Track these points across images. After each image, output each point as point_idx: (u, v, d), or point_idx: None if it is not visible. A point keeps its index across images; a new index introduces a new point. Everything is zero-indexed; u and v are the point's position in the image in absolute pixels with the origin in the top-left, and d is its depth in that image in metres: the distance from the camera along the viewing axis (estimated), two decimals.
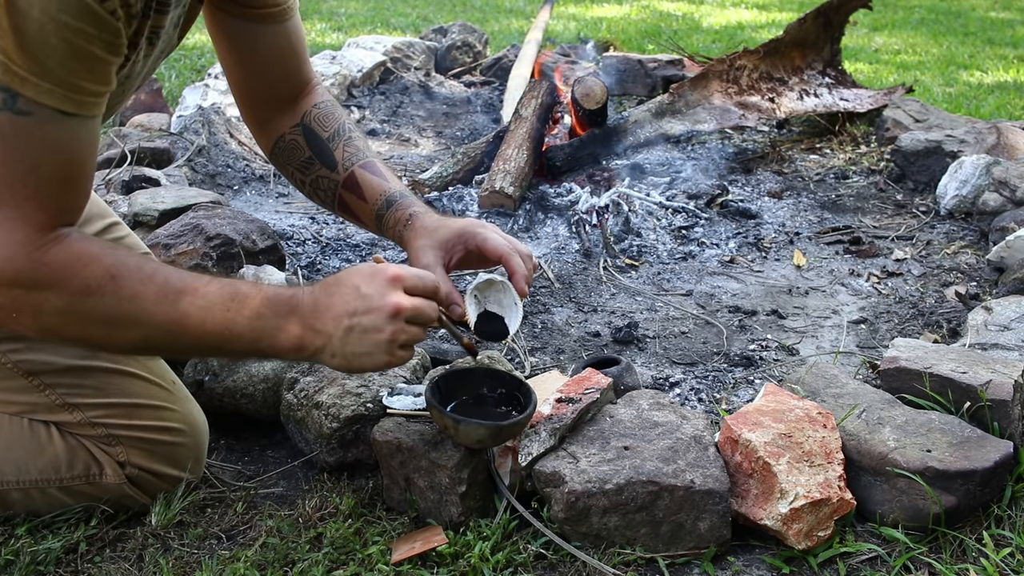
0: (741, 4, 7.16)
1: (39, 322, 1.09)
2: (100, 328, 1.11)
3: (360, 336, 1.15)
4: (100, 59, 1.03)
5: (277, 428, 1.56)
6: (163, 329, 1.11)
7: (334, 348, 1.15)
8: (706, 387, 1.76)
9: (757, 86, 3.23)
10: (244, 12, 1.37)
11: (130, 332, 1.12)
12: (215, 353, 1.27)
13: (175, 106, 3.25)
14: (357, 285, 1.17)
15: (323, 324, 1.15)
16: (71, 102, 1.02)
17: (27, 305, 1.07)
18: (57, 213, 1.07)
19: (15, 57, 0.97)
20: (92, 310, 1.09)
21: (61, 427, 1.34)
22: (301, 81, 1.49)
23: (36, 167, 1.03)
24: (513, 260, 1.39)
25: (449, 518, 1.32)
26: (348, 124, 1.52)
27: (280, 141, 1.49)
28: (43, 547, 1.28)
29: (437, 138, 3.51)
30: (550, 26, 5.24)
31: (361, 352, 1.16)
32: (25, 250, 1.04)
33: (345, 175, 1.48)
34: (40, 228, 1.05)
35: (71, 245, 1.08)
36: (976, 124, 3.00)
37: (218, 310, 1.12)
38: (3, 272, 1.04)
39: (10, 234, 1.03)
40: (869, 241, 2.48)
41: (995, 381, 1.44)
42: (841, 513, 1.30)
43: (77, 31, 0.98)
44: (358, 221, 1.52)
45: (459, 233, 1.42)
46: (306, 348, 1.16)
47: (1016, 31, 6.19)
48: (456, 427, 1.26)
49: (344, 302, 1.16)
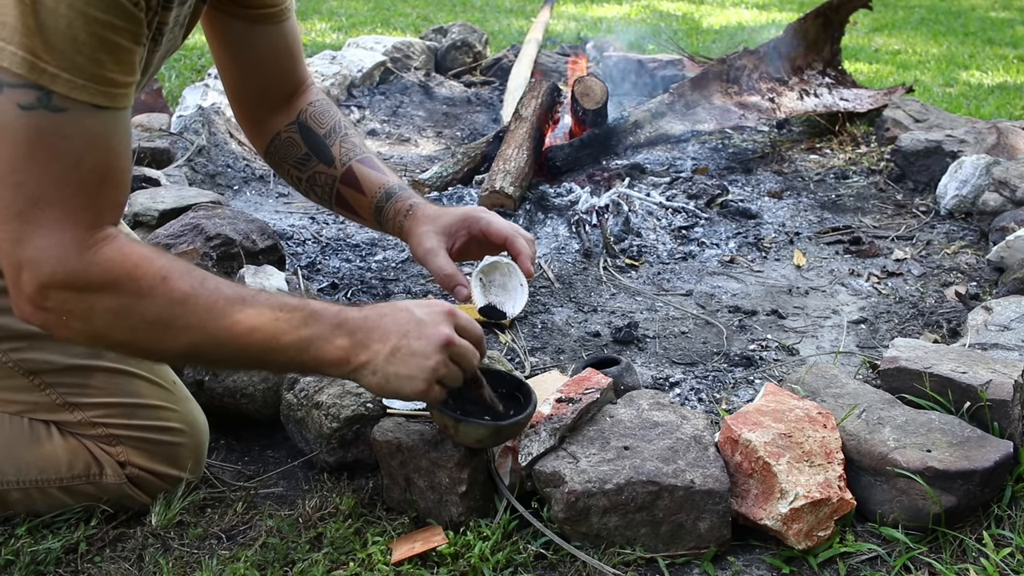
0: (741, 4, 7.16)
1: (90, 326, 1.07)
2: (150, 332, 1.09)
3: (406, 358, 1.16)
4: (127, 50, 1.03)
5: (277, 428, 1.56)
6: (212, 336, 1.10)
7: (376, 365, 1.16)
8: (706, 387, 1.76)
9: (757, 86, 3.23)
10: (242, 13, 1.37)
11: (179, 337, 1.10)
12: (258, 365, 1.21)
13: (175, 106, 3.25)
14: (411, 310, 1.18)
15: (371, 340, 1.16)
16: (104, 95, 1.02)
17: (79, 308, 1.05)
18: (102, 211, 1.06)
19: (44, 55, 0.96)
20: (144, 313, 1.07)
21: (61, 427, 1.34)
22: (297, 80, 1.50)
23: (77, 163, 1.02)
24: (518, 242, 1.41)
25: (449, 518, 1.32)
26: (344, 122, 1.54)
27: (276, 139, 1.50)
28: (43, 547, 1.28)
29: (437, 138, 3.51)
30: (550, 26, 5.23)
31: (403, 374, 1.16)
32: (76, 250, 1.03)
33: (343, 170, 1.49)
34: (88, 227, 1.04)
35: (121, 246, 1.07)
36: (976, 124, 3.00)
37: (266, 319, 1.11)
38: (54, 274, 1.03)
39: (59, 234, 1.02)
40: (869, 241, 2.48)
41: (995, 381, 1.44)
42: (841, 513, 1.30)
43: (105, 24, 0.98)
44: (356, 216, 1.53)
45: (462, 219, 1.44)
46: (350, 362, 1.16)
47: (1016, 31, 6.19)
48: (456, 427, 1.26)
49: (396, 323, 1.17)
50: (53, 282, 1.03)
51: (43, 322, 1.07)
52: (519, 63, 3.94)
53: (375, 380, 1.17)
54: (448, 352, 1.18)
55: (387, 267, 2.28)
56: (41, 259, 1.02)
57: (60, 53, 0.97)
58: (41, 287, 1.03)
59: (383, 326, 1.17)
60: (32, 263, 1.02)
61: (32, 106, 0.98)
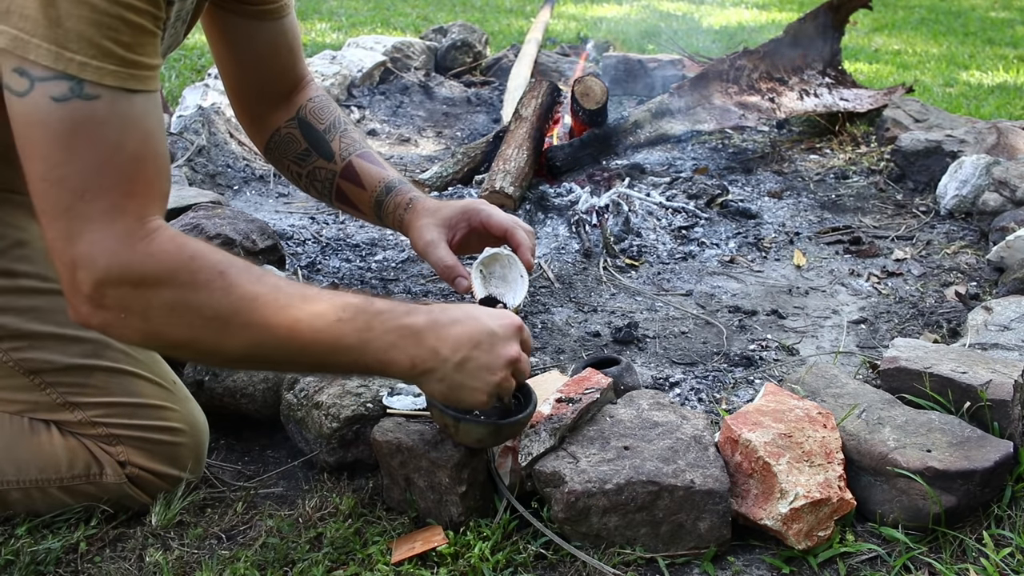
0: (741, 4, 7.16)
1: (149, 323, 1.03)
2: (210, 329, 1.05)
3: (474, 371, 1.15)
4: (150, 32, 1.02)
5: (277, 428, 1.56)
6: (273, 334, 1.06)
7: (444, 373, 1.15)
8: (706, 387, 1.76)
9: (757, 86, 3.23)
10: (242, 9, 1.37)
11: (240, 335, 1.06)
12: (319, 367, 1.16)
13: (175, 106, 3.25)
14: (484, 320, 1.17)
15: (441, 347, 1.14)
16: (135, 79, 1.01)
17: (136, 304, 1.02)
18: (148, 200, 1.03)
19: (70, 44, 0.95)
20: (202, 307, 1.04)
21: (61, 426, 1.34)
22: (296, 77, 1.51)
23: (117, 150, 1.00)
24: (518, 233, 1.43)
25: (449, 518, 1.32)
26: (343, 118, 1.54)
27: (276, 135, 1.51)
28: (43, 547, 1.28)
29: (437, 138, 3.51)
30: (550, 26, 5.24)
31: (469, 385, 1.16)
32: (129, 242, 1.00)
33: (343, 165, 1.50)
34: (136, 217, 1.01)
35: (175, 236, 1.04)
36: (976, 124, 3.00)
37: (330, 318, 1.08)
38: (110, 269, 1.00)
39: (109, 226, 0.99)
40: (869, 241, 2.48)
41: (995, 381, 1.44)
42: (841, 513, 1.30)
43: (127, 6, 0.98)
44: (355, 211, 1.54)
45: (462, 211, 1.45)
46: (416, 367, 1.14)
47: (1016, 31, 6.19)
48: (456, 426, 1.26)
49: (468, 332, 1.15)
50: (109, 277, 1.00)
51: (103, 322, 1.04)
52: (519, 63, 3.94)
53: (440, 387, 1.16)
54: (512, 367, 1.18)
55: (387, 267, 2.28)
56: (95, 254, 0.99)
57: (86, 41, 0.96)
58: (98, 284, 1.00)
59: (454, 335, 1.15)
60: (86, 259, 1.00)
61: (65, 97, 0.97)
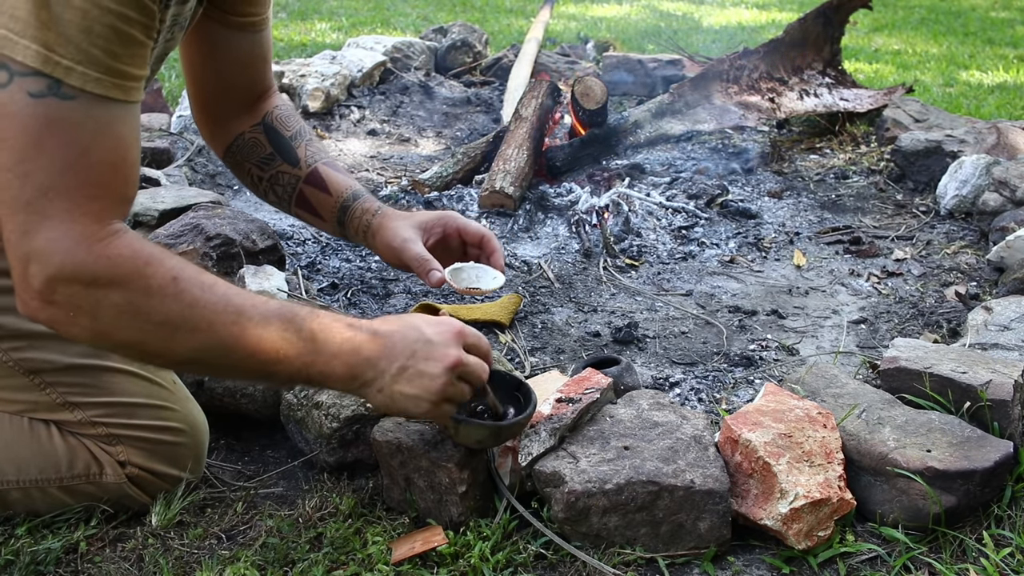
0: (741, 4, 7.16)
1: (97, 323, 1.05)
2: (157, 334, 1.07)
3: (412, 378, 1.15)
4: (140, 43, 1.02)
5: (277, 428, 1.56)
6: (219, 342, 1.08)
7: (383, 384, 1.15)
8: (706, 387, 1.76)
9: (757, 86, 3.23)
10: (227, 19, 1.40)
11: (187, 340, 1.07)
12: (261, 376, 1.15)
13: (175, 106, 3.25)
14: (421, 328, 1.18)
15: (379, 358, 1.15)
16: (118, 88, 1.01)
17: (86, 303, 1.03)
18: (110, 204, 1.04)
19: (58, 48, 0.96)
20: (152, 312, 1.05)
21: (61, 426, 1.34)
22: (265, 85, 1.55)
23: (85, 152, 1.00)
24: (493, 240, 1.50)
25: (449, 518, 1.32)
26: (308, 128, 1.60)
27: (239, 139, 1.53)
28: (43, 547, 1.28)
29: (437, 138, 3.51)
30: (550, 26, 5.23)
31: (409, 394, 1.16)
32: (85, 243, 1.01)
33: (308, 171, 1.53)
34: (97, 219, 1.02)
35: (131, 241, 1.05)
36: (976, 124, 3.00)
37: (275, 330, 1.10)
38: (63, 266, 1.01)
39: (68, 225, 1.00)
40: (869, 241, 2.48)
41: (995, 381, 1.44)
42: (841, 513, 1.30)
43: (120, 16, 0.98)
44: (314, 217, 1.56)
45: (438, 216, 1.52)
46: (357, 378, 1.15)
47: (1016, 31, 6.19)
48: (456, 427, 1.26)
49: (405, 341, 1.16)
50: (61, 275, 1.01)
51: (50, 318, 1.05)
52: (519, 63, 3.94)
53: (381, 398, 1.17)
54: (456, 373, 1.17)
55: (387, 267, 2.28)
56: (50, 250, 1.00)
57: (75, 46, 0.96)
58: (49, 280, 1.01)
59: (391, 344, 1.16)
60: (40, 254, 1.00)
61: (42, 93, 0.97)
